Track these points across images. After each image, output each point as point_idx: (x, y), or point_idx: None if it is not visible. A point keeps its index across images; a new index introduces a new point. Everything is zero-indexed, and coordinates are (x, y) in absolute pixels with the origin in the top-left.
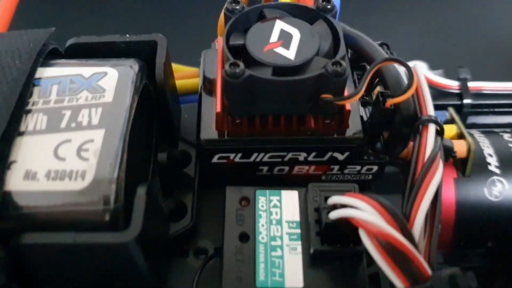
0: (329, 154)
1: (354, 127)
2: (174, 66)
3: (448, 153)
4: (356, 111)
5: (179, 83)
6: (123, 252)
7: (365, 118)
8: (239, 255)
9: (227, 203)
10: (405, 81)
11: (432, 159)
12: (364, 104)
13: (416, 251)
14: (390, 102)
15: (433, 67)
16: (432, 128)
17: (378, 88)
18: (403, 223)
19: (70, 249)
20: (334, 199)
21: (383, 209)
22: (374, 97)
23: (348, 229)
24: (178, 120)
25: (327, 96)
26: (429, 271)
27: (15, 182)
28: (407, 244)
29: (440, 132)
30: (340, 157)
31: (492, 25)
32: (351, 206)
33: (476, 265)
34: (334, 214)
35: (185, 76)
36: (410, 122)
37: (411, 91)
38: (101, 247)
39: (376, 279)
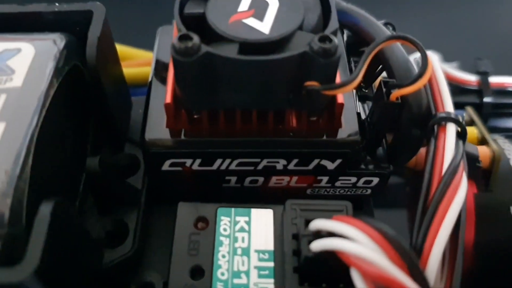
0: (316, 161)
1: (348, 127)
2: (127, 50)
3: (473, 163)
4: (352, 106)
5: (132, 71)
6: None
7: (363, 116)
8: None
9: (178, 225)
10: (416, 68)
11: (453, 171)
12: (363, 98)
13: None
14: (396, 93)
15: (446, 59)
16: (451, 128)
17: (381, 78)
18: (412, 261)
19: None
20: (317, 224)
21: (385, 241)
22: (375, 89)
23: (336, 265)
24: (124, 117)
25: (312, 83)
26: None
27: None
28: None
29: (462, 135)
30: (330, 165)
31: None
32: (341, 235)
33: None
34: (317, 245)
35: (140, 63)
36: (422, 122)
37: (424, 80)
38: None
39: None
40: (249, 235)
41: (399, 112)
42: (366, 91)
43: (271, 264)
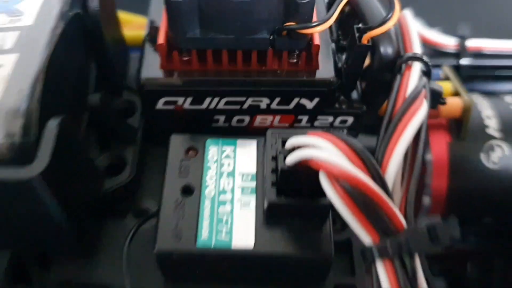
0: (296, 100)
1: (325, 68)
2: (125, 16)
3: (436, 97)
4: (328, 49)
5: (130, 33)
6: (28, 192)
7: (340, 65)
8: (180, 210)
9: (171, 152)
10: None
11: (414, 96)
12: (341, 49)
13: (389, 199)
14: (367, 36)
15: (430, 25)
16: (416, 66)
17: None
18: (374, 166)
19: None
20: (292, 141)
21: (349, 149)
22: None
23: (309, 177)
24: (122, 65)
25: (291, 24)
26: (404, 224)
27: None
28: (377, 190)
29: (427, 73)
30: (309, 104)
31: None
32: (311, 147)
33: (472, 248)
34: (291, 158)
35: (138, 26)
36: (392, 64)
37: (391, 21)
38: (2, 184)
39: (348, 247)
40: (234, 161)
41: (372, 58)
42: (344, 42)
43: (253, 183)
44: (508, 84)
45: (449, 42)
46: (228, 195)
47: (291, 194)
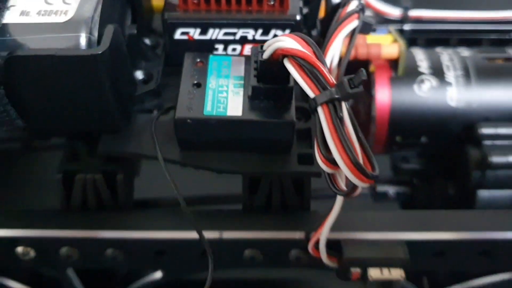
0: (273, 31)
1: (293, 9)
2: None
3: (368, 26)
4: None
5: None
6: (92, 67)
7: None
8: (191, 95)
9: (185, 63)
10: None
11: (350, 13)
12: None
13: (325, 68)
14: None
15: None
16: (353, 3)
17: None
18: (318, 50)
19: (52, 62)
20: (267, 42)
21: (303, 40)
22: None
23: (278, 68)
24: (149, 13)
25: None
26: (334, 82)
27: (12, 18)
28: (317, 61)
29: (362, 10)
30: (282, 34)
31: None
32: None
33: (415, 167)
34: (266, 52)
35: None
36: (338, 6)
37: None
38: (76, 59)
39: (308, 134)
40: (229, 69)
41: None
42: None
43: (242, 82)
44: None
45: (394, 12)
46: (224, 87)
47: (267, 81)
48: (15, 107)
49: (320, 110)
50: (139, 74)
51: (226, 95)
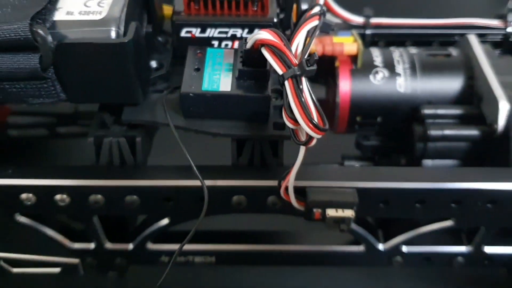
0: (256, 30)
1: (272, 14)
2: None
3: (327, 26)
4: (273, 1)
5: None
6: (120, 53)
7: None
8: (193, 77)
9: (188, 54)
10: None
11: (313, 14)
12: None
13: (290, 52)
14: None
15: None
16: (316, 9)
17: None
18: (285, 39)
19: (90, 49)
20: (251, 35)
21: (276, 34)
22: None
23: (258, 55)
24: (161, 16)
25: None
26: (296, 62)
27: (60, 16)
28: (284, 47)
29: (323, 14)
30: None
31: None
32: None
33: (374, 144)
34: (249, 42)
35: None
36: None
37: None
38: (108, 46)
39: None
40: (222, 58)
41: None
42: None
43: (231, 67)
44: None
45: (358, 20)
46: (218, 71)
47: (249, 65)
48: (61, 83)
49: (286, 83)
50: (153, 63)
51: (219, 77)
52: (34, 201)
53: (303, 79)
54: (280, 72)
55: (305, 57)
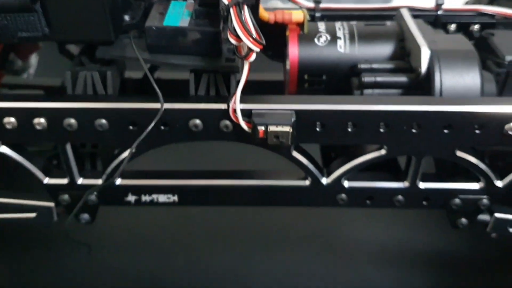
0: None
1: None
2: None
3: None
4: None
5: None
6: None
7: None
8: (157, 16)
9: (155, 5)
10: None
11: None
12: None
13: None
14: None
15: None
16: None
17: None
18: None
19: None
20: None
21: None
22: None
23: None
24: None
25: None
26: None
27: None
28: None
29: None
30: None
31: None
32: None
33: None
34: None
35: None
36: None
37: None
38: None
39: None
40: (183, 7)
41: None
42: None
43: (191, 12)
44: None
45: (309, 4)
46: (179, 15)
47: (205, 6)
48: (45, 18)
49: (231, 10)
50: (127, 17)
51: (179, 18)
52: (15, 125)
53: (245, 7)
54: (226, 2)
55: None
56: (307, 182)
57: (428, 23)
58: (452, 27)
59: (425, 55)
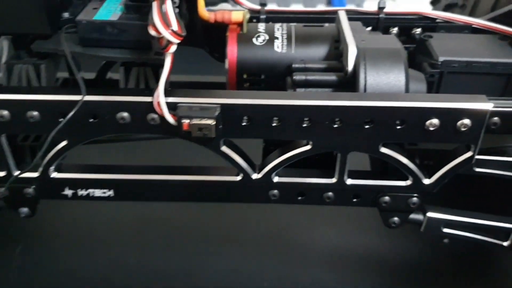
0: None
1: None
2: None
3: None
4: None
5: None
6: None
7: None
8: (90, 11)
9: (90, 3)
10: None
11: None
12: None
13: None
14: None
15: None
16: None
17: None
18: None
19: None
20: None
21: None
22: None
23: None
24: None
25: None
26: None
27: None
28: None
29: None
30: None
31: None
32: None
33: None
34: None
35: None
36: None
37: None
38: None
39: None
40: (117, 4)
41: None
42: None
43: (123, 8)
44: None
45: (255, 6)
46: (112, 10)
47: (136, 1)
48: None
49: (153, 3)
50: (67, 14)
51: (111, 12)
52: None
53: (168, 1)
54: None
55: None
56: (238, 178)
57: (371, 27)
58: (394, 30)
59: (351, 53)
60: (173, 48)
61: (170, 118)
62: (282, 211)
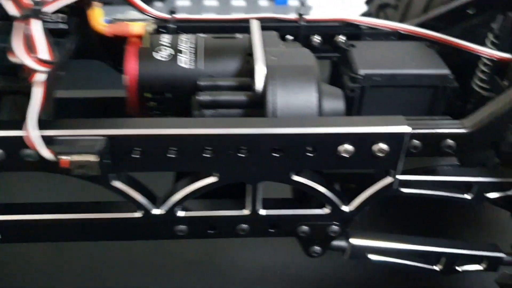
0: None
1: None
2: None
3: None
4: None
5: None
6: None
7: None
8: None
9: None
10: None
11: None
12: None
13: None
14: None
15: None
16: None
17: None
18: None
19: None
20: None
21: None
22: None
23: None
24: None
25: None
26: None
27: None
28: None
29: None
30: None
31: None
32: None
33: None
34: None
35: None
36: None
37: None
38: None
39: None
40: None
41: None
42: None
43: None
44: None
45: (163, 14)
46: None
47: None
48: None
49: (14, 24)
50: None
51: None
52: None
53: (33, 21)
54: (14, 14)
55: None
56: (138, 214)
57: (291, 35)
58: (316, 38)
59: (259, 73)
60: (39, 77)
61: (47, 154)
62: None
